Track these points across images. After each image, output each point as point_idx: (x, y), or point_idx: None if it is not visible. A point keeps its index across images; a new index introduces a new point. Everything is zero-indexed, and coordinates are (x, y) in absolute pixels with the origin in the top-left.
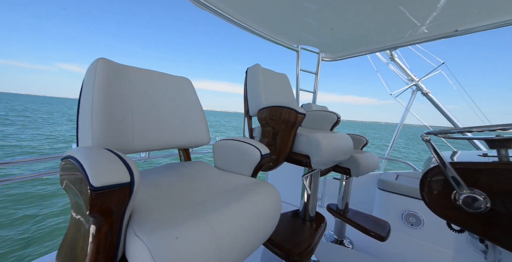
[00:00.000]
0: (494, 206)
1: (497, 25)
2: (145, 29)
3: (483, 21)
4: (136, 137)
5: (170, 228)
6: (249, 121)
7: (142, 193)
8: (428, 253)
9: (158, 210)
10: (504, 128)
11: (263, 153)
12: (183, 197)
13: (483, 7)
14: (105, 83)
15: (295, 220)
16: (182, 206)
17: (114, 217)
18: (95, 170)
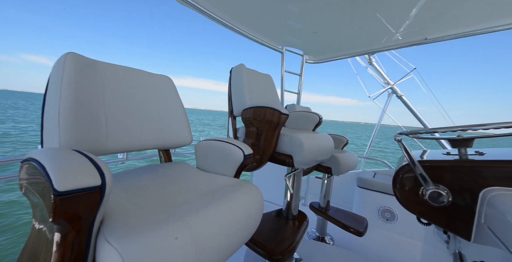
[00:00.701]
0: (455, 200)
1: (462, 35)
2: (127, 25)
3: (449, 31)
4: (110, 137)
5: (146, 233)
6: (233, 121)
7: (117, 197)
8: (400, 245)
9: (134, 214)
10: (463, 129)
11: (246, 153)
12: (162, 200)
13: (449, 18)
14: (74, 79)
15: (279, 219)
16: (159, 209)
17: (83, 223)
18: (60, 173)
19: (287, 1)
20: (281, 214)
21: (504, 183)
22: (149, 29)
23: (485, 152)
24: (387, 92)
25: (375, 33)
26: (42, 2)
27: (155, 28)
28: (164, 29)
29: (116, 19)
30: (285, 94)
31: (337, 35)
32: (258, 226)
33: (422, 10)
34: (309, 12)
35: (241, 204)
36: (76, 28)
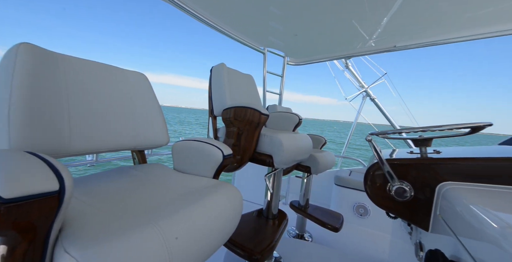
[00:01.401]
0: (417, 195)
1: (427, 44)
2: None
3: (416, 40)
4: (74, 137)
5: (112, 240)
6: (213, 121)
7: (80, 202)
8: (372, 238)
9: (99, 221)
10: (424, 130)
11: (225, 153)
12: (132, 204)
13: (416, 28)
14: (29, 73)
15: (259, 219)
16: (130, 214)
17: (37, 233)
18: (6, 177)
19: (269, 4)
20: (262, 214)
21: (456, 178)
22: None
23: (441, 151)
24: (362, 94)
25: (351, 39)
26: (41, 2)
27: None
28: (140, 26)
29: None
30: (268, 94)
31: (317, 38)
32: (238, 226)
33: (391, 19)
34: (291, 15)
35: (219, 205)
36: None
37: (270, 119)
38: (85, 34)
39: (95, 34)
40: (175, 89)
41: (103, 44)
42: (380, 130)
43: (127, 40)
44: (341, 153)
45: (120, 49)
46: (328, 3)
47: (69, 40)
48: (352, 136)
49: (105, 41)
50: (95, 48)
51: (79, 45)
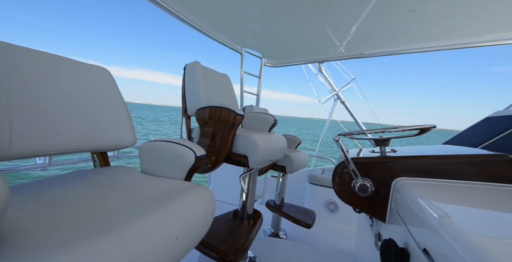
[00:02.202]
0: (377, 190)
1: (391, 53)
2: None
3: (380, 49)
4: (16, 138)
5: (59, 253)
6: (187, 120)
7: (22, 213)
8: (341, 232)
9: (44, 233)
10: (383, 131)
11: (198, 154)
12: (89, 211)
13: (380, 38)
14: None
15: (234, 220)
16: (85, 222)
17: None
18: None
19: (247, 5)
20: (237, 215)
21: (408, 174)
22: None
23: (397, 150)
24: (334, 97)
25: (324, 45)
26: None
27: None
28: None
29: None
30: (247, 95)
31: (292, 42)
32: (212, 228)
33: (359, 29)
34: (267, 18)
35: (188, 208)
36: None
37: (246, 119)
38: (48, 24)
39: (64, 28)
40: (147, 85)
41: (76, 37)
42: (347, 131)
43: (96, 31)
44: (315, 152)
45: (90, 40)
46: (303, 9)
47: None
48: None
49: (78, 35)
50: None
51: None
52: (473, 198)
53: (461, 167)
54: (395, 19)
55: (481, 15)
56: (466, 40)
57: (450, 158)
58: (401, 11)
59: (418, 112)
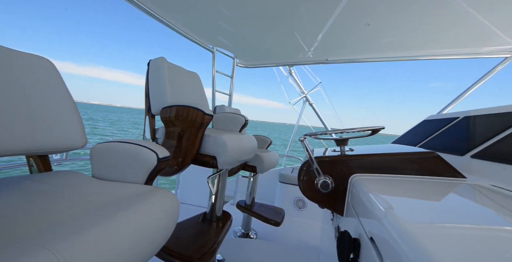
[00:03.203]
0: (336, 187)
1: (351, 61)
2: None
3: (342, 56)
4: None
5: None
6: (151, 120)
7: None
8: (308, 228)
9: None
10: (342, 132)
11: (160, 156)
12: (24, 225)
13: (342, 46)
14: None
15: (202, 223)
16: (16, 239)
17: None
18: None
19: (220, 4)
20: (205, 217)
21: (362, 171)
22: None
23: (354, 149)
24: (303, 99)
25: (293, 49)
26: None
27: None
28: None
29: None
30: (220, 95)
31: (264, 44)
32: (177, 233)
33: (324, 36)
34: (239, 18)
35: (147, 214)
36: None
37: (217, 119)
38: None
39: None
40: (108, 85)
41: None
42: (313, 132)
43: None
44: (285, 152)
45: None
46: (273, 13)
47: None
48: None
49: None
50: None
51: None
52: (410, 190)
53: (403, 163)
54: (354, 31)
55: (424, 31)
56: (411, 53)
57: (394, 156)
58: (358, 24)
59: (371, 118)
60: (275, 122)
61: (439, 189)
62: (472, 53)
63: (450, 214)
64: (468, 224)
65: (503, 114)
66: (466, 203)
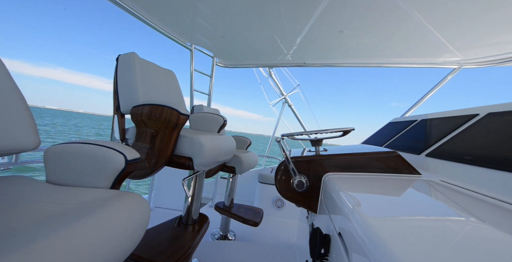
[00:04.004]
0: (311, 186)
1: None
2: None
3: (319, 61)
4: None
5: None
6: (120, 119)
7: None
8: (286, 226)
9: None
10: (316, 132)
11: (129, 158)
12: None
13: (318, 51)
14: None
15: (178, 227)
16: None
17: None
18: None
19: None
20: (181, 221)
21: (335, 170)
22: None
23: (328, 149)
24: (282, 101)
25: (273, 50)
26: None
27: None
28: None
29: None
30: (202, 95)
31: (244, 44)
32: (151, 239)
33: (302, 40)
34: (218, 17)
35: (108, 221)
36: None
37: (194, 119)
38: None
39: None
40: (67, 87)
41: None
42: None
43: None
44: (265, 153)
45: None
46: (253, 14)
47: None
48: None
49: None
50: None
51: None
52: (374, 187)
53: (370, 162)
54: (329, 37)
55: (389, 42)
56: (378, 60)
57: (362, 155)
58: (333, 30)
59: (345, 119)
60: (253, 133)
61: (398, 185)
62: (429, 63)
63: (405, 208)
64: (419, 216)
65: (450, 118)
66: (419, 197)
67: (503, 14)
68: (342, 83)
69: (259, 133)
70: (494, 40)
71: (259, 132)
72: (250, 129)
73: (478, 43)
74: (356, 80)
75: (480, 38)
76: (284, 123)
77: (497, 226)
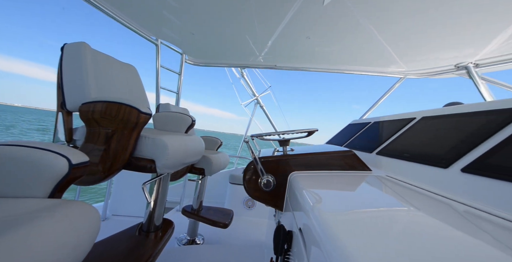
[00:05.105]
0: (278, 184)
1: (295, 68)
2: None
3: (289, 64)
4: None
5: None
6: (66, 117)
7: None
8: (256, 225)
9: None
10: (284, 133)
11: (74, 162)
12: None
13: (289, 55)
14: None
15: (138, 235)
16: None
17: None
18: None
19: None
20: (142, 229)
21: (300, 168)
22: None
23: (294, 149)
24: (254, 102)
25: (245, 51)
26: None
27: None
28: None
29: None
30: (176, 94)
31: (215, 43)
32: (105, 251)
33: (274, 43)
34: (187, 11)
35: (43, 235)
36: None
37: (160, 119)
38: None
39: None
40: (4, 78)
41: None
42: (258, 133)
43: None
44: (237, 153)
45: None
46: (224, 12)
47: None
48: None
49: None
50: None
51: None
52: (332, 183)
53: (330, 160)
54: (298, 41)
55: (349, 50)
56: (339, 67)
57: (324, 154)
58: (301, 36)
59: (314, 120)
60: (226, 132)
61: (352, 181)
62: (380, 72)
63: (354, 201)
64: (366, 208)
65: (395, 120)
66: (367, 191)
67: (439, 35)
68: (312, 85)
69: (232, 132)
70: (431, 56)
71: (232, 131)
72: (223, 128)
73: (419, 57)
74: (324, 82)
75: (421, 53)
76: (256, 123)
77: (429, 213)
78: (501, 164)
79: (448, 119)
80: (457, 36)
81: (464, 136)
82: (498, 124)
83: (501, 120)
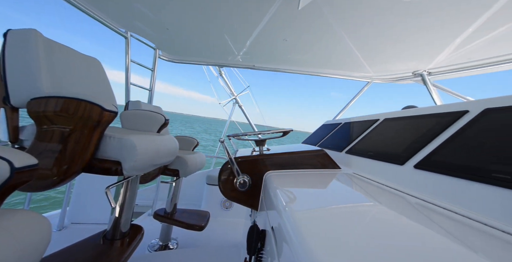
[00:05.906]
0: (253, 184)
1: (272, 69)
2: None
3: (266, 65)
4: None
5: None
6: (10, 114)
7: None
8: (233, 226)
9: None
10: (260, 133)
11: (18, 165)
12: None
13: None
14: None
15: (102, 244)
16: None
17: None
18: None
19: None
20: (106, 236)
21: (275, 168)
22: None
23: (271, 149)
24: (233, 101)
25: (223, 50)
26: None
27: None
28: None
29: None
30: (149, 91)
31: (192, 40)
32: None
33: (252, 43)
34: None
35: None
36: None
37: (128, 118)
38: None
39: None
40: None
41: None
42: (236, 133)
43: None
44: (215, 153)
45: None
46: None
47: None
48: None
49: None
50: None
51: None
52: (304, 182)
53: (303, 160)
54: (276, 43)
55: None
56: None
57: (298, 154)
58: (278, 38)
59: (288, 119)
60: (207, 117)
61: (323, 179)
62: (349, 75)
63: (324, 198)
64: (334, 205)
65: (362, 121)
66: (336, 187)
67: (399, 44)
68: (289, 81)
69: (213, 117)
70: (393, 63)
71: (212, 116)
72: (204, 112)
73: (385, 64)
74: (302, 78)
75: (386, 60)
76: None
77: (387, 207)
78: (444, 161)
79: (405, 121)
80: (414, 46)
81: (418, 136)
82: (443, 125)
83: (445, 122)
